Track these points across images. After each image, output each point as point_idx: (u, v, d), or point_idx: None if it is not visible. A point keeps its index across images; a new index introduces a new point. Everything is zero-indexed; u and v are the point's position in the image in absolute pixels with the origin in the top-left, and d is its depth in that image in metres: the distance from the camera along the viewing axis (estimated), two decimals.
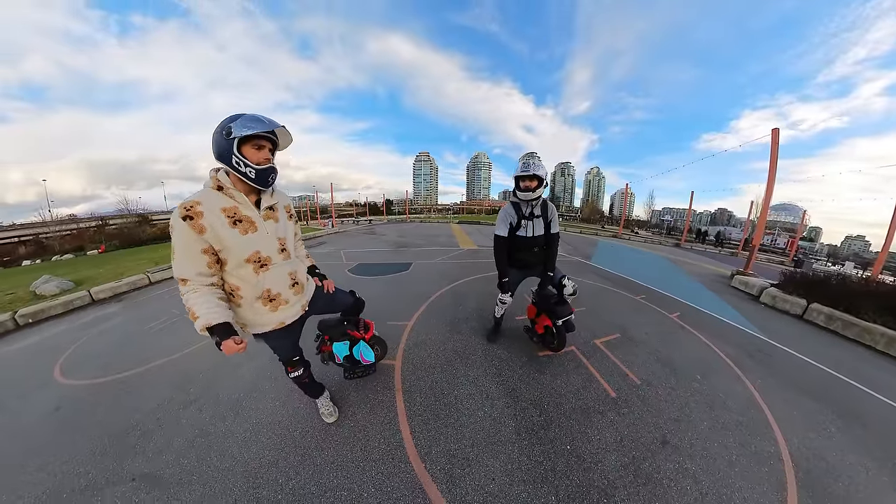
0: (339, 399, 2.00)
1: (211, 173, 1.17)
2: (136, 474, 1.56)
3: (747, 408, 2.05)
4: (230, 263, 1.18)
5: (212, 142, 1.11)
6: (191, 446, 1.71)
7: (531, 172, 2.02)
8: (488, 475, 1.52)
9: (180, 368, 2.52)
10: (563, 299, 2.28)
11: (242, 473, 1.54)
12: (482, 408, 1.95)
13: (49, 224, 31.35)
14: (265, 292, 1.27)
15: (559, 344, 2.43)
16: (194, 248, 1.09)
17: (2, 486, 1.54)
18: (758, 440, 1.78)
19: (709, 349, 2.86)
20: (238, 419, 1.90)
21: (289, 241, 1.36)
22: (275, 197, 1.30)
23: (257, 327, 1.33)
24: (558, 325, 2.29)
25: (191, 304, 1.08)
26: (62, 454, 1.71)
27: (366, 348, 1.92)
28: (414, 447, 1.67)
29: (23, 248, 29.40)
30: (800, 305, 4.10)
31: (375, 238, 11.41)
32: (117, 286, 5.31)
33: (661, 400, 2.08)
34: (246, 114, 1.11)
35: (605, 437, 1.75)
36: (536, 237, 2.20)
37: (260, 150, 1.12)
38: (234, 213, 1.14)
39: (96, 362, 2.76)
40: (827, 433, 1.89)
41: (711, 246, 18.09)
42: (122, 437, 1.80)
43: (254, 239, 1.19)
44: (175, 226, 1.07)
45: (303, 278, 1.46)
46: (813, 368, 2.69)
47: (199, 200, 1.09)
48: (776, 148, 6.17)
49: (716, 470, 1.58)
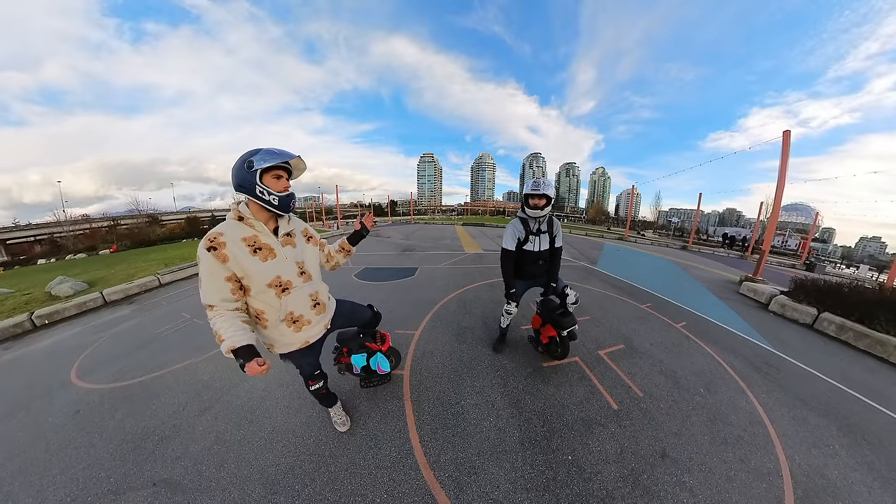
0: (351, 408, 2.07)
1: (232, 206, 1.27)
2: (156, 480, 1.61)
3: (749, 423, 2.06)
4: (253, 289, 1.25)
5: (232, 175, 1.20)
6: (208, 453, 1.77)
7: (541, 192, 2.10)
8: (493, 483, 1.58)
9: (193, 375, 2.59)
10: (567, 310, 2.33)
11: (260, 480, 1.61)
12: (488, 418, 2.01)
13: (63, 224, 32.20)
14: (289, 315, 1.35)
15: (563, 353, 2.49)
16: (218, 276, 1.17)
17: (27, 488, 1.61)
18: (758, 456, 1.79)
19: (714, 361, 2.85)
20: (253, 427, 1.97)
21: (308, 264, 1.42)
22: (291, 223, 1.38)
23: (283, 347, 1.41)
24: (563, 335, 2.35)
25: (217, 327, 1.15)
26: (84, 458, 1.78)
27: (382, 359, 1.99)
28: (423, 455, 1.73)
29: (38, 247, 30.28)
30: (810, 314, 4.02)
31: (380, 241, 11.50)
32: (129, 288, 5.45)
33: (663, 413, 2.10)
34: (263, 148, 1.21)
35: (605, 449, 1.79)
36: (542, 251, 2.29)
37: (279, 180, 1.23)
38: (253, 242, 1.22)
39: (111, 366, 2.85)
40: (831, 450, 1.87)
41: (738, 252, 16.09)
42: (141, 443, 1.86)
43: (274, 265, 1.26)
44: (201, 256, 1.16)
45: (324, 298, 1.53)
46: (820, 382, 2.65)
47: (221, 232, 1.18)
48: (787, 150, 6.08)
49: (714, 484, 1.60)
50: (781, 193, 6.14)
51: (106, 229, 31.05)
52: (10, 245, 31.76)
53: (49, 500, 1.54)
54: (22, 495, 1.57)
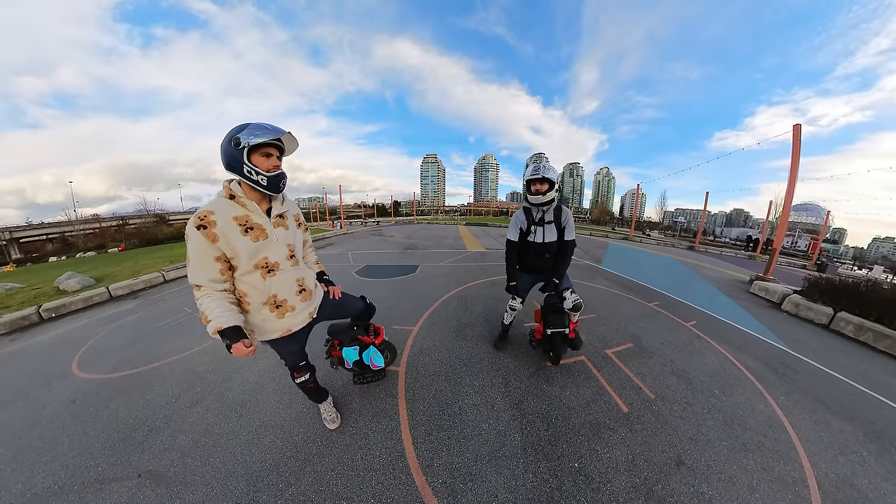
0: (342, 405, 1.99)
1: (224, 183, 1.20)
2: (141, 471, 1.58)
3: (769, 427, 1.93)
4: (240, 269, 1.20)
5: (221, 152, 1.13)
6: (195, 446, 1.72)
7: (541, 175, 1.96)
8: (491, 492, 1.46)
9: (189, 367, 2.57)
10: (561, 308, 2.19)
11: (244, 476, 1.54)
12: (487, 420, 1.90)
13: (74, 223, 32.90)
14: (272, 297, 1.28)
15: (554, 357, 2.33)
16: (207, 255, 1.12)
17: (18, 474, 1.60)
18: (781, 464, 1.67)
19: (727, 361, 2.73)
20: (242, 420, 1.91)
21: (297, 249, 1.38)
22: (285, 205, 1.33)
23: (265, 334, 1.35)
24: (547, 333, 2.23)
25: (203, 308, 1.12)
26: (76, 446, 1.77)
27: (375, 353, 1.91)
28: (415, 458, 1.63)
29: (50, 246, 30.97)
30: (826, 314, 3.88)
31: (383, 239, 11.48)
32: (134, 283, 5.53)
33: (677, 416, 1.98)
34: (252, 122, 1.13)
35: (615, 456, 1.67)
36: (547, 243, 2.13)
37: (268, 158, 1.16)
38: (245, 221, 1.18)
39: (111, 358, 2.85)
40: (858, 457, 1.74)
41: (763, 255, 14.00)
42: (131, 433, 1.84)
43: (264, 245, 1.22)
44: (190, 234, 1.10)
45: (311, 285, 1.47)
46: (842, 384, 2.52)
47: (212, 210, 1.13)
48: (798, 145, 5.90)
49: (735, 495, 1.48)
50: (793, 189, 5.95)
51: (115, 228, 31.66)
52: (24, 243, 32.52)
53: (37, 487, 1.53)
54: (12, 481, 1.57)
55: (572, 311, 2.15)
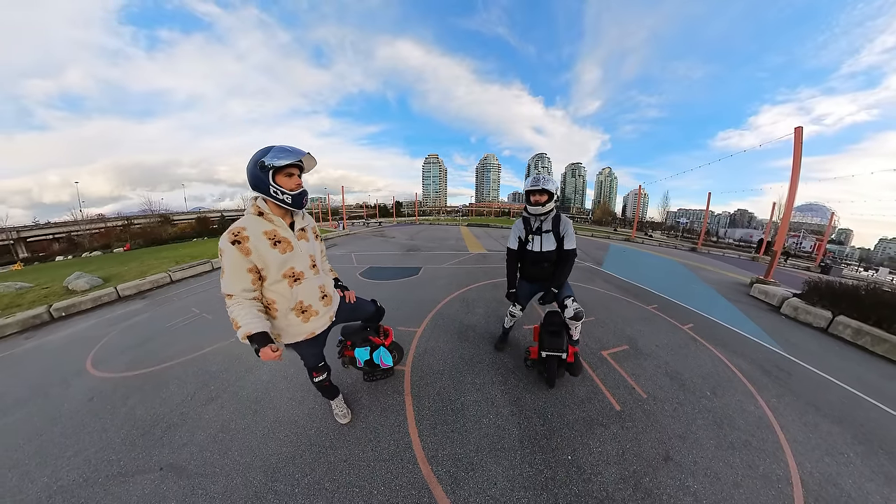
0: (352, 401, 2.09)
1: (251, 201, 1.32)
2: (163, 464, 1.67)
3: (758, 428, 2.00)
4: (269, 279, 1.32)
5: (247, 174, 1.25)
6: (213, 441, 1.82)
7: (541, 187, 2.04)
8: (491, 480, 1.57)
9: (202, 366, 2.65)
10: (561, 332, 2.14)
11: (262, 468, 1.64)
12: (487, 415, 2.00)
13: (80, 223, 33.27)
14: (298, 304, 1.41)
15: (549, 380, 2.19)
16: (241, 267, 1.24)
17: (43, 468, 1.69)
18: (767, 462, 1.74)
19: (722, 364, 2.79)
20: (257, 417, 2.01)
21: (317, 258, 1.52)
22: (305, 220, 1.47)
23: (291, 337, 1.47)
24: (542, 356, 2.15)
25: (234, 315, 1.22)
26: (96, 441, 1.86)
27: (385, 353, 2.02)
28: (421, 450, 1.74)
29: (57, 245, 31.36)
30: (824, 318, 3.91)
31: (385, 241, 11.55)
32: (141, 284, 5.62)
33: (667, 415, 2.06)
34: (274, 146, 1.25)
35: (606, 450, 1.76)
36: (545, 252, 2.15)
37: (291, 178, 1.28)
38: (274, 236, 1.29)
39: (124, 357, 2.95)
40: (845, 458, 1.80)
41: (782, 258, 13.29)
42: (150, 429, 1.93)
43: (291, 257, 1.34)
44: (224, 249, 1.21)
45: (331, 291, 1.61)
46: (834, 387, 2.57)
47: (244, 226, 1.25)
48: (800, 148, 5.92)
49: (719, 490, 1.56)
50: (794, 193, 5.98)
51: (120, 228, 32.00)
52: (31, 242, 32.96)
53: (63, 480, 1.61)
54: (38, 474, 1.65)
55: (573, 320, 2.14)
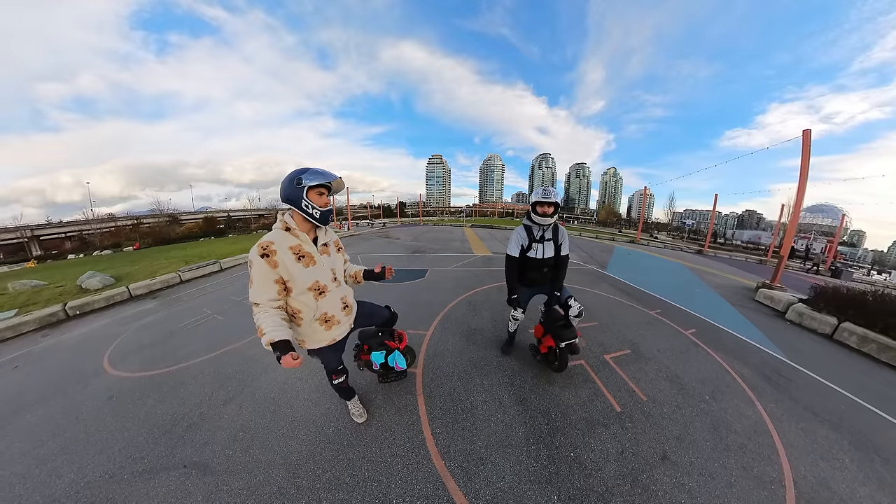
0: (367, 402, 2.19)
1: (279, 216, 1.44)
2: (186, 462, 1.75)
3: (755, 432, 2.06)
4: (295, 291, 1.42)
5: (281, 189, 1.38)
6: (234, 439, 1.91)
7: (551, 199, 2.14)
8: (499, 474, 1.68)
9: (217, 367, 2.74)
10: (569, 322, 2.32)
11: (283, 465, 1.74)
12: (495, 414, 2.10)
13: (91, 222, 33.93)
14: (323, 315, 1.52)
15: (560, 366, 2.44)
16: (268, 279, 1.33)
17: (69, 465, 1.77)
18: (761, 465, 1.81)
19: (722, 369, 2.84)
20: (276, 417, 2.11)
21: (338, 271, 1.61)
22: (328, 235, 1.57)
23: (314, 343, 1.58)
24: (561, 347, 2.32)
25: (260, 322, 1.31)
26: (119, 440, 1.94)
27: (399, 356, 2.12)
28: (435, 446, 1.84)
29: (68, 244, 32.00)
30: (829, 324, 3.86)
31: (390, 242, 11.62)
32: (152, 283, 5.76)
33: (666, 417, 2.14)
34: (311, 168, 1.38)
35: (606, 448, 1.86)
36: (546, 259, 2.31)
37: (321, 196, 1.41)
38: (298, 251, 1.40)
39: (139, 356, 3.04)
40: (840, 463, 1.83)
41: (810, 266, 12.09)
42: (171, 428, 2.02)
43: (314, 271, 1.44)
44: (254, 261, 1.32)
45: (351, 301, 1.72)
46: (835, 394, 2.58)
47: (272, 240, 1.35)
48: (808, 151, 5.87)
49: (713, 489, 1.64)
50: (802, 196, 5.93)
51: (130, 228, 32.58)
52: (43, 241, 33.68)
53: (89, 477, 1.68)
54: (65, 470, 1.74)
55: (577, 318, 2.32)
